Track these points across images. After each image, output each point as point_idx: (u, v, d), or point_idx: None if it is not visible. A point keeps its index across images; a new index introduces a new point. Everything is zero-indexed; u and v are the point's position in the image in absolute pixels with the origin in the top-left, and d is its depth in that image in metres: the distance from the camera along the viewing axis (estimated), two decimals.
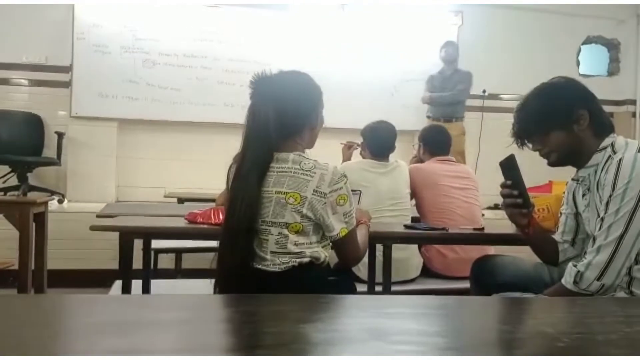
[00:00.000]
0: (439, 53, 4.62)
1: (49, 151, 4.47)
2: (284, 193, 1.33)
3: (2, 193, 4.05)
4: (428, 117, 4.51)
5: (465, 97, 4.54)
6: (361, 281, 2.12)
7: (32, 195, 3.96)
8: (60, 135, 4.37)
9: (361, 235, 1.54)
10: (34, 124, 4.51)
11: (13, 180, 4.22)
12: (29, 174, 4.26)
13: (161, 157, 4.75)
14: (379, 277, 1.96)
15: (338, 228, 1.37)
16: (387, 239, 1.90)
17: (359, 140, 2.72)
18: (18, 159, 4.19)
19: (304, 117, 1.41)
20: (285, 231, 1.33)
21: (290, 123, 1.38)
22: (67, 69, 4.51)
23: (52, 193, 4.18)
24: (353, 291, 1.65)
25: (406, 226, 2.09)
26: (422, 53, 5.15)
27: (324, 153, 1.62)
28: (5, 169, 4.23)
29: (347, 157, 2.93)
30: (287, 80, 1.41)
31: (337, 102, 4.34)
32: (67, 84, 4.52)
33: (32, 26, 4.54)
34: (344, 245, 1.42)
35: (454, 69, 4.57)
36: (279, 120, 1.34)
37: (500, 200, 1.53)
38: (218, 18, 4.79)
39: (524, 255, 1.82)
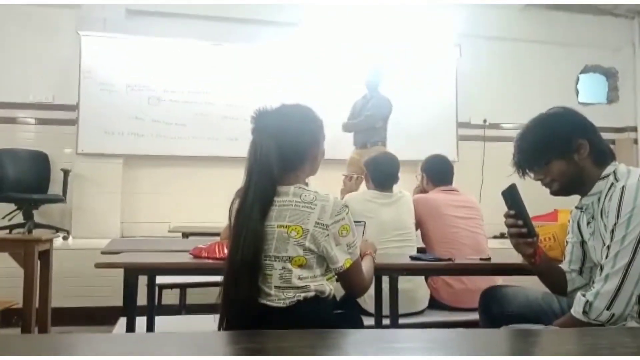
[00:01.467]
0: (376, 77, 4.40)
1: (55, 188, 4.51)
2: (286, 226, 1.32)
3: (8, 231, 4.06)
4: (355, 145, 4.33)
5: (374, 124, 4.24)
6: (368, 314, 2.09)
7: (37, 233, 3.97)
8: (66, 172, 4.41)
9: (366, 266, 1.53)
10: (40, 162, 4.56)
11: (19, 218, 4.24)
12: (34, 211, 4.29)
13: (166, 192, 4.78)
14: (385, 310, 1.94)
15: (342, 259, 1.36)
16: (393, 271, 1.89)
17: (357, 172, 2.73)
18: (24, 197, 4.22)
19: (305, 150, 1.42)
20: (289, 265, 1.32)
21: (291, 156, 1.39)
22: (74, 107, 4.59)
23: (57, 230, 4.19)
24: (360, 325, 1.62)
25: (412, 257, 2.07)
26: (423, 85, 5.23)
27: (328, 185, 1.63)
28: (11, 206, 4.25)
29: (349, 189, 2.94)
30: (287, 114, 1.42)
31: (340, 134, 4.41)
32: (73, 122, 4.60)
33: (38, 66, 4.66)
34: (349, 277, 1.41)
35: (373, 95, 4.37)
36: (280, 154, 1.35)
37: (505, 228, 1.52)
38: (220, 55, 4.90)
39: (532, 285, 1.80)
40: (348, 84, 4.99)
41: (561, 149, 1.43)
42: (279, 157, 1.35)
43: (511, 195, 1.48)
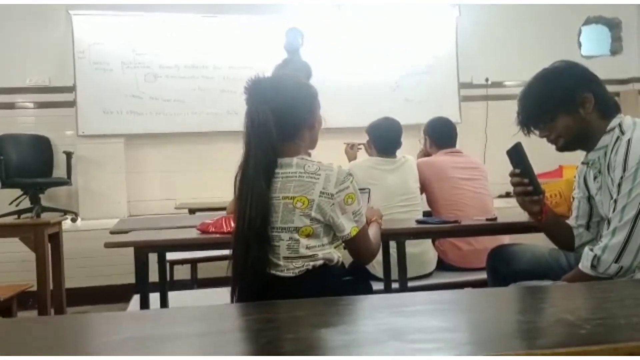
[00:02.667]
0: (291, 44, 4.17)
1: (59, 171, 4.52)
2: (291, 198, 1.32)
3: (16, 216, 4.09)
4: None
5: None
6: (377, 279, 2.11)
7: (46, 216, 4.00)
8: (68, 155, 4.41)
9: (373, 232, 1.54)
10: (42, 146, 4.56)
11: (26, 203, 4.27)
12: (41, 195, 4.31)
13: (169, 169, 4.78)
14: (394, 274, 1.96)
15: (349, 227, 1.37)
16: (400, 235, 1.90)
17: (361, 139, 2.72)
18: (29, 182, 4.24)
19: (301, 116, 1.41)
20: (296, 235, 1.33)
21: (288, 124, 1.38)
22: (71, 89, 4.55)
23: (65, 212, 4.22)
24: (369, 290, 1.64)
25: (418, 221, 2.08)
26: (421, 46, 5.13)
27: (329, 154, 1.62)
28: (18, 191, 4.28)
29: (352, 157, 2.93)
30: (281, 82, 1.43)
31: (339, 101, 4.37)
32: (71, 104, 4.57)
33: (33, 49, 4.59)
34: (356, 244, 1.42)
35: (293, 59, 4.15)
36: (277, 122, 1.34)
37: (511, 187, 1.52)
38: (216, 27, 4.81)
39: (539, 243, 1.80)
40: (347, 52, 4.91)
41: (566, 104, 1.41)
42: (276, 124, 1.34)
43: (516, 154, 1.47)
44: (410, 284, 1.99)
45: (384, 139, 2.55)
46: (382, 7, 4.95)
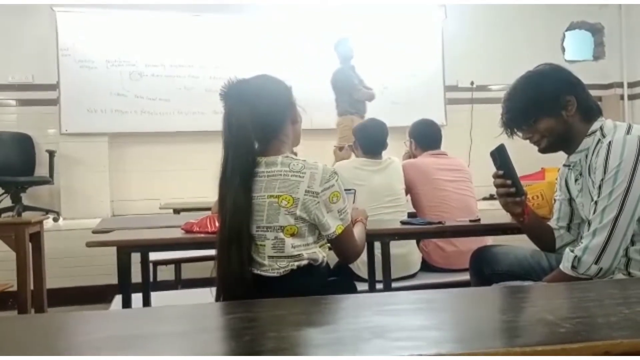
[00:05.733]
0: (337, 49, 4.39)
1: (41, 170, 4.45)
2: (276, 196, 1.32)
3: None
4: (351, 113, 4.17)
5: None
6: (361, 280, 2.11)
7: (27, 215, 3.94)
8: (51, 154, 4.35)
9: (358, 232, 1.54)
10: (24, 144, 4.49)
11: (7, 202, 4.20)
12: (22, 194, 4.24)
13: (154, 169, 4.73)
14: (379, 275, 1.96)
15: (334, 225, 1.37)
16: (384, 236, 1.90)
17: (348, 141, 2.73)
18: (10, 180, 4.17)
19: (282, 111, 1.42)
20: (281, 235, 1.33)
21: (270, 121, 1.38)
22: (54, 87, 4.49)
23: (47, 212, 4.15)
24: (353, 291, 1.64)
25: (403, 222, 2.09)
26: (408, 49, 5.17)
27: (317, 155, 1.63)
28: None
29: (340, 158, 2.93)
30: (255, 82, 1.42)
31: (327, 103, 4.37)
32: (55, 102, 4.50)
33: (16, 46, 4.53)
34: (341, 242, 1.42)
35: (345, 66, 4.36)
36: (257, 122, 1.34)
37: (494, 190, 1.53)
38: (202, 26, 4.78)
39: (521, 244, 1.83)
40: (335, 54, 4.91)
41: (549, 107, 1.43)
42: (256, 125, 1.34)
43: (500, 155, 1.49)
44: (394, 284, 1.99)
45: (370, 140, 2.56)
46: (369, 9, 4.97)
